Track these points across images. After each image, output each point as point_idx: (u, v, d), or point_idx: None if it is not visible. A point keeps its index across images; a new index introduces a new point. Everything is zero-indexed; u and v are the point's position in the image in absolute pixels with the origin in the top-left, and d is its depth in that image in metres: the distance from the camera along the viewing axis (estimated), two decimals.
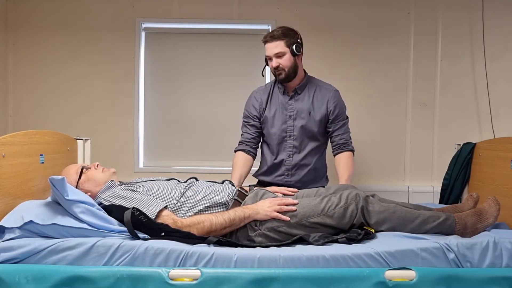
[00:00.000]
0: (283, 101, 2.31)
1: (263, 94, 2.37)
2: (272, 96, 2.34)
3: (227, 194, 1.82)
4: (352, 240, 1.58)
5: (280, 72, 2.21)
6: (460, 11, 3.20)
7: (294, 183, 2.29)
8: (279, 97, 2.33)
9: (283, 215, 1.68)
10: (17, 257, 1.44)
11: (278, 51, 2.19)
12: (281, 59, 2.20)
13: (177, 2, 3.21)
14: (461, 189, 2.40)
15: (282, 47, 2.19)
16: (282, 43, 2.19)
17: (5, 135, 1.67)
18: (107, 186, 1.83)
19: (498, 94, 3.18)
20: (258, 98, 2.37)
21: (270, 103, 2.33)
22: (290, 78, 2.24)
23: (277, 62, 2.20)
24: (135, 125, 3.25)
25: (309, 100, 2.29)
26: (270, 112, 2.32)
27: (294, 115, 2.29)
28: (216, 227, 1.63)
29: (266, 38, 2.21)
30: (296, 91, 2.30)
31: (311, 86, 2.33)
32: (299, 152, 2.30)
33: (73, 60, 3.22)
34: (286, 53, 2.20)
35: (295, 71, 2.24)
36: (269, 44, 2.20)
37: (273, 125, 2.31)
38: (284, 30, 2.22)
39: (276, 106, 2.32)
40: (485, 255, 1.50)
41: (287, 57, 2.20)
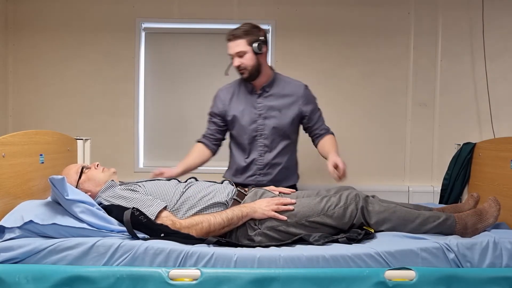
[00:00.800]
0: (251, 99, 2.26)
1: (228, 93, 2.32)
2: (238, 95, 2.29)
3: (227, 194, 1.82)
4: (353, 240, 1.58)
5: (243, 71, 2.17)
6: (460, 11, 3.20)
7: (266, 182, 2.25)
8: (247, 95, 2.27)
9: (281, 214, 1.68)
10: (17, 257, 1.44)
11: (239, 50, 2.13)
12: (243, 58, 2.14)
13: (177, 2, 3.21)
14: (461, 189, 2.40)
15: (244, 46, 2.13)
16: (244, 42, 2.13)
17: (5, 135, 1.67)
18: (107, 186, 1.83)
19: (498, 94, 3.18)
20: (222, 97, 2.32)
21: (236, 102, 2.28)
22: (253, 77, 2.19)
23: (238, 61, 2.15)
24: (135, 125, 3.25)
25: (279, 97, 2.24)
26: (237, 111, 2.26)
27: (264, 114, 2.24)
28: (215, 227, 1.63)
29: (228, 37, 2.15)
30: (264, 89, 2.25)
31: (279, 84, 2.27)
32: (270, 151, 2.26)
33: (73, 60, 3.22)
34: (247, 52, 2.13)
35: (258, 70, 2.18)
36: (230, 43, 2.14)
37: (242, 124, 2.25)
38: (247, 28, 2.15)
39: (243, 104, 2.26)
40: (485, 255, 1.50)
41: (249, 56, 2.14)
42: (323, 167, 2.44)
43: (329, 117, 3.28)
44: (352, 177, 3.28)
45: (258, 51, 2.15)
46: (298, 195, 1.91)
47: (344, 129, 3.27)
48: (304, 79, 3.28)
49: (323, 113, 2.45)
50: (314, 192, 1.94)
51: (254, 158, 2.27)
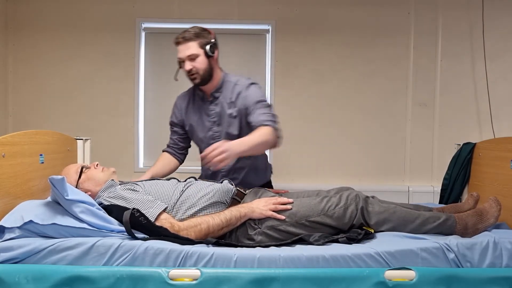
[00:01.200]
0: (204, 106, 2.16)
1: (183, 101, 2.23)
2: (194, 103, 2.20)
3: (226, 193, 1.82)
4: (353, 239, 1.58)
5: (195, 76, 2.04)
6: (460, 11, 3.21)
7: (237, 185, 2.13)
8: (200, 103, 2.17)
9: (280, 214, 1.68)
10: (17, 257, 1.44)
11: (191, 53, 2.01)
12: (195, 61, 2.02)
13: (177, 2, 3.21)
14: (461, 189, 2.40)
15: (195, 49, 2.02)
16: (195, 45, 2.02)
17: (5, 135, 1.67)
18: (107, 186, 1.83)
19: (498, 94, 3.18)
20: (179, 105, 2.25)
21: (191, 110, 2.20)
22: (205, 82, 2.07)
23: (190, 65, 2.02)
24: (135, 125, 3.25)
25: (228, 102, 2.11)
26: (193, 120, 2.18)
27: (217, 121, 2.13)
28: (213, 229, 1.63)
29: (178, 39, 2.03)
30: (214, 96, 2.13)
31: (227, 87, 2.13)
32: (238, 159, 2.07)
33: (73, 60, 3.23)
34: (199, 55, 2.02)
35: (210, 73, 2.07)
36: (180, 46, 2.02)
37: (199, 133, 2.18)
38: (197, 30, 2.04)
39: (198, 113, 2.17)
40: (485, 255, 1.50)
41: (201, 59, 2.03)
42: (322, 167, 2.45)
43: (329, 117, 3.29)
44: (352, 177, 3.30)
45: (211, 54, 2.04)
46: (298, 195, 1.91)
47: (344, 129, 3.28)
48: (304, 79, 3.30)
49: (322, 113, 2.42)
50: (314, 192, 1.94)
51: None
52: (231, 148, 1.69)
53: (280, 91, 3.30)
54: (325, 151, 3.29)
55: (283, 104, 3.30)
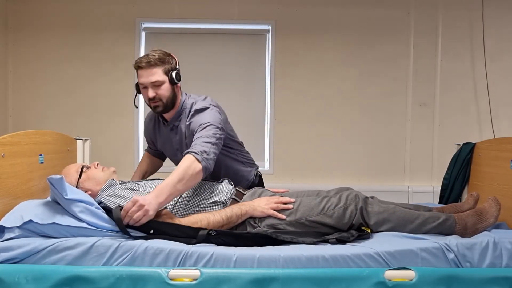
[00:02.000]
0: (167, 133, 2.05)
1: (150, 122, 2.15)
2: (158, 127, 2.10)
3: (226, 193, 1.82)
4: (343, 241, 1.58)
5: (157, 104, 1.90)
6: (460, 11, 3.21)
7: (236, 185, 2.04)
8: (163, 128, 2.07)
9: (280, 213, 1.68)
10: (17, 257, 1.44)
11: (155, 80, 1.87)
12: (159, 88, 1.88)
13: (177, 2, 3.21)
14: (461, 189, 2.40)
15: (160, 75, 1.88)
16: (160, 71, 1.88)
17: (5, 135, 1.67)
18: (108, 185, 1.83)
19: (498, 94, 3.18)
20: (146, 126, 2.18)
21: (157, 133, 2.11)
22: (167, 110, 1.94)
23: (153, 92, 1.88)
24: (135, 125, 3.25)
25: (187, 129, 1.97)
26: (160, 142, 2.12)
27: (180, 148, 2.03)
28: (213, 226, 1.63)
29: (140, 64, 1.88)
30: (174, 124, 2.01)
31: (185, 114, 1.98)
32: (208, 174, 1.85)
33: (73, 60, 3.23)
34: (164, 81, 1.89)
35: (173, 101, 1.94)
36: (143, 71, 1.87)
37: (168, 154, 2.14)
38: (161, 55, 1.89)
39: (164, 138, 2.08)
40: (485, 255, 1.50)
41: (166, 86, 1.89)
42: (322, 167, 2.45)
43: (329, 117, 3.29)
44: (352, 177, 3.30)
45: (176, 81, 1.92)
46: (298, 195, 1.91)
47: (344, 129, 3.27)
48: (304, 79, 3.30)
49: (322, 112, 2.40)
50: (314, 192, 1.94)
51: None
52: (148, 201, 1.53)
53: (280, 91, 3.30)
54: (325, 151, 3.29)
55: (283, 104, 3.30)
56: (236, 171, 2.15)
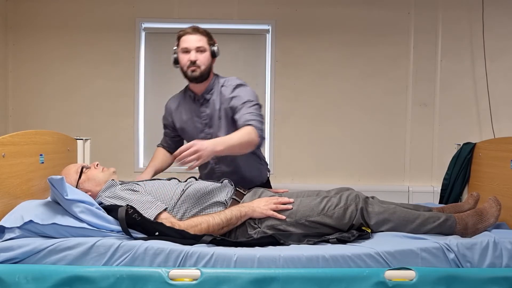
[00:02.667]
0: (195, 108, 2.13)
1: (173, 103, 2.23)
2: (184, 105, 2.18)
3: (226, 193, 1.82)
4: (344, 241, 1.58)
5: (195, 68, 2.02)
6: (460, 11, 3.21)
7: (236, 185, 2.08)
8: (191, 104, 2.15)
9: (279, 213, 1.68)
10: (17, 257, 1.44)
11: (200, 45, 2.02)
12: (201, 54, 2.02)
13: (177, 2, 3.21)
14: (461, 189, 2.40)
15: (205, 43, 2.04)
16: (205, 40, 2.05)
17: (5, 135, 1.67)
18: (107, 186, 1.83)
19: (498, 94, 3.18)
20: (168, 107, 2.25)
21: (182, 111, 2.18)
22: (203, 78, 2.05)
23: (195, 56, 2.01)
24: (135, 125, 3.25)
25: (218, 103, 2.08)
26: (184, 121, 2.16)
27: (208, 123, 2.10)
28: (213, 228, 1.63)
29: (187, 30, 2.03)
30: (204, 97, 2.11)
31: (217, 89, 2.11)
32: (224, 159, 2.09)
33: (73, 60, 3.23)
34: (207, 50, 2.05)
35: (208, 72, 2.07)
36: (191, 36, 2.02)
37: (190, 134, 2.15)
38: (205, 30, 2.08)
39: (189, 114, 2.15)
40: (485, 255, 1.50)
41: (207, 55, 2.05)
42: (322, 167, 2.45)
43: (329, 117, 3.29)
44: (352, 177, 3.30)
45: (216, 55, 2.08)
46: (298, 195, 1.91)
47: (344, 129, 3.28)
48: (304, 79, 3.30)
49: (323, 112, 2.40)
50: (314, 192, 1.94)
51: (210, 168, 2.16)
52: (204, 147, 1.65)
53: (280, 91, 3.30)
54: (325, 151, 3.29)
55: (283, 104, 3.30)
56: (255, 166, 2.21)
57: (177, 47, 2.08)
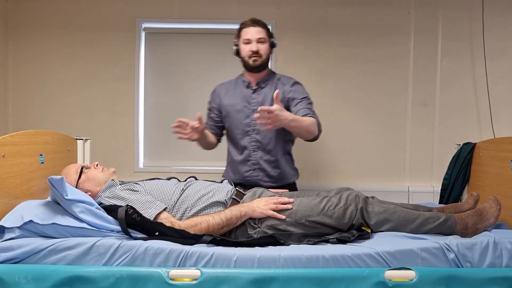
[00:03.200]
0: (247, 94, 2.30)
1: (224, 88, 2.39)
2: (235, 90, 2.35)
3: (226, 193, 1.82)
4: (344, 241, 1.58)
5: (257, 58, 2.23)
6: (460, 11, 3.20)
7: (262, 177, 2.26)
8: (243, 90, 2.32)
9: (279, 213, 1.68)
10: (17, 257, 1.44)
11: (261, 36, 2.23)
12: (262, 45, 2.23)
13: (177, 2, 3.21)
14: (461, 189, 2.40)
15: (264, 35, 2.25)
16: (265, 32, 2.25)
17: (5, 135, 1.67)
18: (107, 186, 1.83)
19: (498, 94, 3.18)
20: (218, 91, 2.40)
21: (232, 96, 2.33)
22: (263, 67, 2.27)
23: (257, 47, 2.22)
24: (135, 125, 3.25)
25: (271, 93, 2.25)
26: (231, 105, 2.31)
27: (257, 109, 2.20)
28: (213, 228, 1.63)
29: (248, 23, 2.25)
30: (260, 85, 2.30)
31: (273, 80, 2.32)
32: (263, 148, 2.26)
33: (73, 60, 3.22)
34: (266, 41, 2.25)
35: (267, 62, 2.29)
36: (252, 28, 2.23)
37: (235, 118, 2.29)
38: (265, 23, 2.28)
39: (238, 99, 2.31)
40: (485, 255, 1.50)
41: (267, 46, 2.25)
42: (322, 167, 2.46)
43: (329, 117, 3.29)
44: (352, 177, 3.30)
45: (275, 45, 2.29)
46: (299, 195, 1.91)
47: (344, 129, 3.27)
48: (304, 79, 3.28)
49: (323, 112, 2.42)
50: (314, 192, 1.94)
51: (247, 153, 2.28)
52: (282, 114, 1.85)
53: None
54: (325, 151, 3.29)
55: None
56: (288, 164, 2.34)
57: (237, 39, 2.30)
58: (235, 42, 2.31)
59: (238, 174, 2.30)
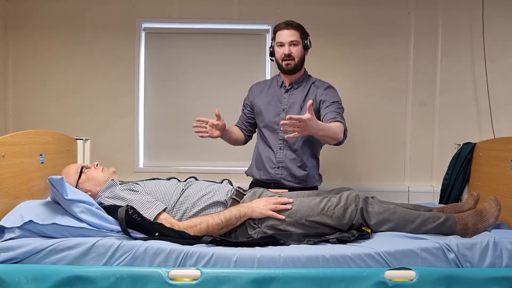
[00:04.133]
0: (279, 93, 2.33)
1: (260, 86, 2.43)
2: (269, 88, 2.38)
3: (226, 193, 1.82)
4: (344, 241, 1.58)
5: (290, 61, 2.24)
6: (460, 11, 3.20)
7: (285, 176, 2.26)
8: (276, 89, 2.35)
9: (279, 214, 1.68)
10: (17, 257, 1.44)
11: (294, 39, 2.23)
12: (295, 48, 2.24)
13: (177, 2, 3.21)
14: (461, 189, 2.40)
15: (297, 37, 2.24)
16: (298, 34, 2.24)
17: (5, 135, 1.67)
18: (107, 186, 1.83)
19: (498, 94, 3.18)
20: (254, 89, 2.44)
21: (265, 94, 2.37)
22: (296, 69, 2.27)
23: (289, 50, 2.23)
24: (135, 125, 3.25)
25: (303, 94, 2.29)
26: (263, 103, 2.34)
27: (287, 109, 2.28)
28: (213, 228, 1.63)
29: (282, 26, 2.25)
30: (293, 85, 2.32)
31: (307, 82, 2.34)
32: (289, 147, 2.27)
33: (73, 60, 3.22)
34: (299, 43, 2.25)
35: (301, 64, 2.29)
36: (285, 31, 2.23)
37: (265, 116, 2.32)
38: (299, 24, 2.28)
39: (271, 98, 2.34)
40: (485, 255, 1.50)
41: (300, 48, 2.25)
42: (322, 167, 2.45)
43: None
44: (352, 177, 3.30)
45: (309, 47, 2.29)
46: (299, 195, 1.91)
47: None
48: None
49: None
50: (314, 192, 1.94)
51: (273, 151, 2.29)
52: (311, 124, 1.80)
53: None
54: (325, 151, 3.29)
55: None
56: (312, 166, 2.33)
57: (273, 41, 2.31)
58: (271, 44, 2.33)
59: (263, 170, 2.30)
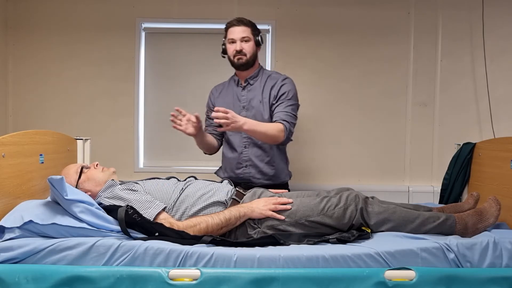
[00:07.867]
0: (237, 92, 2.34)
1: (218, 88, 2.44)
2: (227, 89, 2.39)
3: (226, 193, 1.82)
4: (344, 241, 1.58)
5: (241, 57, 2.24)
6: (460, 11, 3.20)
7: (254, 174, 2.26)
8: (234, 88, 2.36)
9: (279, 214, 1.68)
10: (17, 257, 1.44)
11: (245, 35, 2.24)
12: (246, 44, 2.25)
13: (177, 2, 3.21)
14: (461, 189, 2.40)
15: (249, 33, 2.26)
16: (249, 30, 2.26)
17: (5, 135, 1.67)
18: (107, 186, 1.83)
19: (498, 94, 3.18)
20: (213, 92, 2.44)
21: (224, 95, 2.37)
22: (248, 65, 2.28)
23: (241, 46, 2.24)
24: (135, 125, 3.25)
25: (260, 89, 2.29)
26: (223, 104, 2.31)
27: (246, 106, 2.29)
28: (212, 228, 1.63)
29: (233, 23, 2.26)
30: (248, 82, 2.32)
31: (262, 77, 2.33)
32: (254, 143, 2.26)
33: (73, 60, 3.22)
34: (251, 40, 2.26)
35: (253, 60, 2.29)
36: (237, 27, 2.25)
37: None
38: (250, 21, 2.29)
39: (230, 97, 2.34)
40: (485, 255, 1.50)
41: (251, 44, 2.26)
42: (322, 167, 2.45)
43: (329, 117, 3.29)
44: (352, 177, 3.30)
45: (260, 43, 2.30)
46: (298, 195, 1.91)
47: (344, 129, 3.27)
48: (304, 79, 3.29)
49: (323, 112, 2.43)
50: (314, 192, 1.94)
51: (239, 151, 2.29)
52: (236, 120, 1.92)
53: None
54: (325, 151, 3.29)
55: None
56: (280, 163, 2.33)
57: (224, 38, 2.31)
58: (223, 42, 2.33)
59: (231, 171, 2.31)
